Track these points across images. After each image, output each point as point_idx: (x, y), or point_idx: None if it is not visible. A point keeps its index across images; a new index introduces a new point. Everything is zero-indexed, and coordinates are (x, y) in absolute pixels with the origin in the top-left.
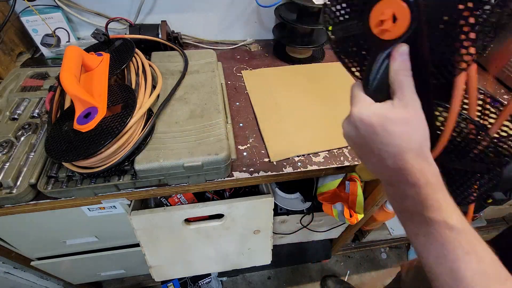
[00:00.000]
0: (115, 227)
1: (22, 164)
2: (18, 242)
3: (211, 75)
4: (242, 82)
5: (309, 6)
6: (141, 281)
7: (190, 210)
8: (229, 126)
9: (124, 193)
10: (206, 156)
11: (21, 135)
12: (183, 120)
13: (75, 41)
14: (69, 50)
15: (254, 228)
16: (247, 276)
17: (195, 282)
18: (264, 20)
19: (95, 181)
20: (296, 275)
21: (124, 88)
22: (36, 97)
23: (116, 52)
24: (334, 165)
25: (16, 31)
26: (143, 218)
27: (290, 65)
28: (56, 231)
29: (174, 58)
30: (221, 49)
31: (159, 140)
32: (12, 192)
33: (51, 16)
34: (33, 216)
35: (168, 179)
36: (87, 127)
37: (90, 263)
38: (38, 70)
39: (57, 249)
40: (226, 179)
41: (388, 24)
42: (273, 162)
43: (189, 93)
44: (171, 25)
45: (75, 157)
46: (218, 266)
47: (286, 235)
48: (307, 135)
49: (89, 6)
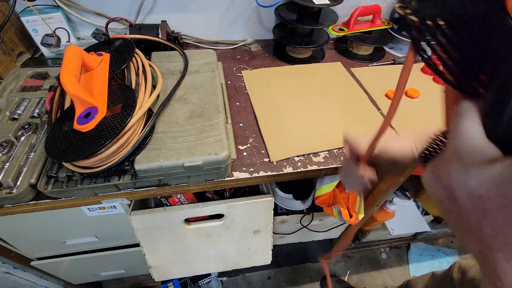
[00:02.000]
0: (115, 227)
1: (22, 164)
2: (18, 242)
3: (211, 75)
4: (242, 82)
5: (309, 6)
6: (141, 281)
7: (190, 210)
8: (229, 126)
9: (124, 193)
10: (206, 156)
11: (21, 135)
12: (183, 120)
13: (75, 41)
14: (69, 50)
15: (254, 228)
16: (247, 276)
17: (195, 282)
18: (264, 20)
19: (95, 181)
20: (296, 275)
21: (124, 88)
22: (36, 97)
23: (116, 52)
24: (334, 165)
25: (16, 31)
26: (143, 218)
27: (290, 65)
28: (56, 231)
29: (174, 58)
30: (221, 49)
31: (159, 140)
32: (12, 192)
33: (51, 16)
34: (33, 216)
35: (168, 179)
36: (87, 127)
37: (90, 263)
38: (38, 70)
39: (57, 249)
40: (226, 179)
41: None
42: (273, 162)
43: (189, 93)
44: (171, 25)
45: (75, 157)
46: (218, 266)
47: (286, 235)
48: (307, 135)
49: (89, 6)
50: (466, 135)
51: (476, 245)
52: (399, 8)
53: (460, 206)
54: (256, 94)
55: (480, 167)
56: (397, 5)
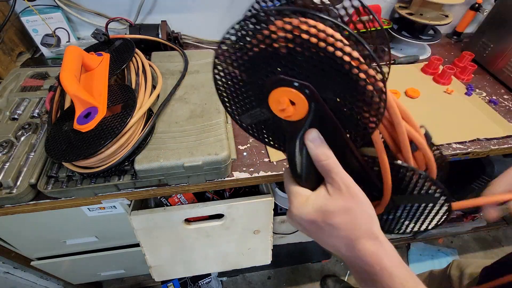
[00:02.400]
0: (115, 227)
1: (22, 164)
2: (18, 242)
3: (211, 75)
4: None
5: None
6: (141, 281)
7: (190, 210)
8: (229, 126)
9: (124, 193)
10: (206, 156)
11: (21, 135)
12: (183, 120)
13: (75, 41)
14: (69, 50)
15: (254, 228)
16: (247, 276)
17: (195, 282)
18: None
19: (95, 181)
20: (296, 275)
21: (124, 88)
22: (36, 97)
23: (116, 52)
24: None
25: (16, 31)
26: (143, 218)
27: None
28: (56, 231)
29: (174, 58)
30: None
31: (159, 140)
32: (12, 192)
33: (51, 16)
34: (33, 216)
35: (168, 179)
36: (87, 127)
37: (90, 263)
38: (38, 70)
39: (57, 249)
40: (226, 179)
41: (290, 110)
42: (273, 162)
43: (189, 93)
44: (171, 25)
45: (75, 157)
46: (218, 266)
47: (286, 235)
48: None
49: (89, 6)
50: (287, 189)
51: (333, 250)
52: None
53: (309, 233)
54: None
55: (304, 203)
56: (397, 5)
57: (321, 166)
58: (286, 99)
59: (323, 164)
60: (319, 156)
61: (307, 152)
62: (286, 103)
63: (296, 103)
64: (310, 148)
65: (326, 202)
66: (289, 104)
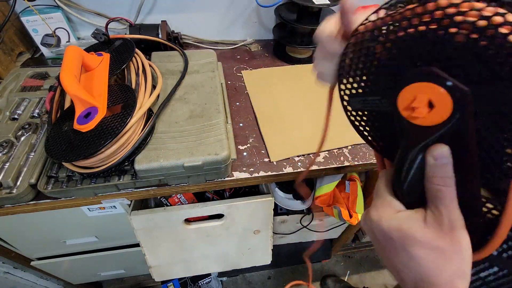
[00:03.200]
0: (115, 227)
1: (22, 164)
2: (18, 242)
3: (211, 75)
4: (242, 82)
5: (309, 6)
6: (141, 281)
7: (190, 210)
8: (229, 126)
9: (124, 193)
10: (206, 156)
11: (21, 135)
12: (183, 120)
13: (75, 41)
14: (69, 50)
15: (254, 228)
16: (247, 276)
17: (195, 282)
18: (264, 20)
19: (95, 181)
20: (296, 275)
21: (124, 88)
22: (36, 97)
23: (116, 52)
24: (334, 165)
25: (16, 31)
26: (143, 218)
27: (290, 65)
28: (56, 231)
29: (174, 58)
30: (221, 49)
31: (159, 140)
32: (12, 192)
33: (51, 16)
34: (33, 216)
35: (168, 179)
36: (87, 127)
37: (90, 263)
38: (38, 70)
39: (57, 249)
40: (226, 179)
41: (422, 112)
42: (273, 162)
43: (189, 93)
44: (171, 25)
45: (75, 157)
46: (218, 266)
47: (286, 235)
48: (307, 135)
49: (89, 6)
50: (377, 192)
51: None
52: None
53: (378, 246)
54: (256, 94)
55: (390, 215)
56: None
57: (433, 190)
58: (425, 97)
59: (437, 189)
60: (437, 179)
61: (421, 166)
62: (423, 102)
63: (436, 106)
64: (431, 165)
65: (417, 228)
66: (426, 104)
